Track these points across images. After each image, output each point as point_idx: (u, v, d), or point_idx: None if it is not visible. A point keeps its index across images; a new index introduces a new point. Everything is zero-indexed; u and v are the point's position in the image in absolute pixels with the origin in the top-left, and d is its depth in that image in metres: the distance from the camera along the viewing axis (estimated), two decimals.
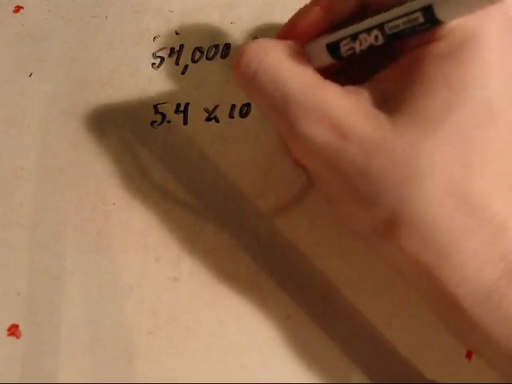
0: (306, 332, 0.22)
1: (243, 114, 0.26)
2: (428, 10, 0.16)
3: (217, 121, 0.26)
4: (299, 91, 0.18)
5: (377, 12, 0.18)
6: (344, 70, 0.21)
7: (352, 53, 0.19)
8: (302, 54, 0.20)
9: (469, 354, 0.22)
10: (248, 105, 0.26)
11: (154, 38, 0.28)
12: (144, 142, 0.26)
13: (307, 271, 0.23)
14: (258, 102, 0.20)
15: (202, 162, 0.25)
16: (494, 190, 0.17)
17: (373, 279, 0.23)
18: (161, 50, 0.28)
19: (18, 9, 0.29)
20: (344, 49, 0.19)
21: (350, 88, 0.19)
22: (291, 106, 0.18)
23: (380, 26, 0.18)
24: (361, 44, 0.19)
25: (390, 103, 0.18)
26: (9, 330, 0.23)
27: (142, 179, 0.25)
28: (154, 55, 0.28)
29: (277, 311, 0.23)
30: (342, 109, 0.18)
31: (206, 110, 0.26)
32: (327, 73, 0.19)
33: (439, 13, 0.16)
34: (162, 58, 0.27)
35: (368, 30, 0.18)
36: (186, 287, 0.23)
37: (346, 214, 0.20)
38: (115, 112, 0.27)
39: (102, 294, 0.23)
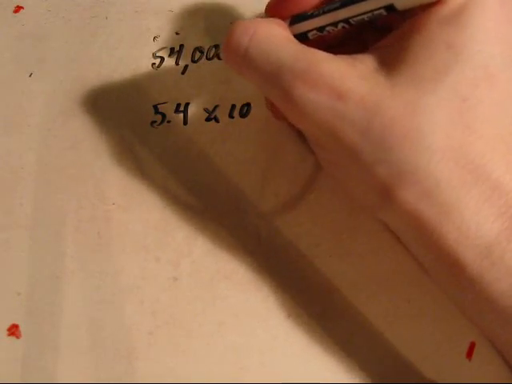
0: (306, 332, 0.22)
1: (243, 114, 0.26)
2: (390, 7, 0.18)
3: (217, 121, 0.26)
4: (292, 58, 0.18)
5: None
6: (337, 48, 0.21)
7: (319, 37, 0.20)
8: (287, 29, 0.20)
9: (469, 354, 0.22)
10: (248, 105, 0.26)
11: (154, 37, 0.28)
12: (144, 142, 0.26)
13: (307, 271, 0.23)
14: (251, 77, 0.20)
15: (201, 161, 0.25)
16: (492, 150, 0.17)
17: (373, 279, 0.23)
18: (161, 49, 0.28)
19: (18, 9, 0.29)
20: (312, 37, 0.20)
21: (343, 56, 0.19)
22: (285, 73, 0.18)
23: (345, 21, 0.19)
24: (329, 33, 0.20)
25: (387, 66, 0.18)
26: (9, 329, 0.23)
27: (142, 179, 0.25)
28: (154, 55, 0.28)
29: (277, 311, 0.23)
30: (337, 71, 0.18)
31: (206, 110, 0.26)
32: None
33: (399, 6, 0.18)
34: (162, 58, 0.27)
35: (334, 24, 0.19)
36: (185, 287, 0.23)
37: (346, 179, 0.20)
38: (115, 112, 0.27)
39: (101, 294, 0.23)
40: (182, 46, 0.27)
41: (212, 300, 0.23)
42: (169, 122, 0.26)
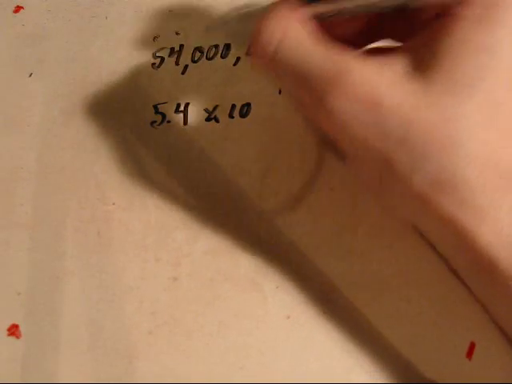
0: (306, 332, 0.22)
1: (243, 114, 0.26)
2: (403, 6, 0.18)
3: (217, 121, 0.26)
4: (321, 65, 0.18)
5: None
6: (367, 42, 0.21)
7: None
8: (316, 26, 0.19)
9: (469, 354, 0.22)
10: (248, 105, 0.26)
11: (154, 38, 0.28)
12: (144, 141, 0.26)
13: (307, 271, 0.23)
14: (281, 81, 0.20)
15: (201, 161, 0.25)
16: None
17: (373, 279, 0.23)
18: (161, 49, 0.28)
19: (18, 9, 0.29)
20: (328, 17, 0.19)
21: (378, 57, 0.18)
22: (316, 82, 0.18)
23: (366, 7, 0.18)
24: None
25: (421, 70, 0.18)
26: (9, 329, 0.23)
27: (141, 179, 0.25)
28: (154, 55, 0.28)
29: (277, 311, 0.23)
30: (369, 78, 0.18)
31: (206, 110, 0.26)
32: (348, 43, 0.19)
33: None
34: (162, 58, 0.27)
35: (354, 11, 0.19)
36: (185, 287, 0.23)
37: (381, 190, 0.20)
38: (115, 112, 0.27)
39: (101, 294, 0.23)
40: (181, 46, 0.27)
41: (212, 300, 0.23)
42: (169, 122, 0.26)
